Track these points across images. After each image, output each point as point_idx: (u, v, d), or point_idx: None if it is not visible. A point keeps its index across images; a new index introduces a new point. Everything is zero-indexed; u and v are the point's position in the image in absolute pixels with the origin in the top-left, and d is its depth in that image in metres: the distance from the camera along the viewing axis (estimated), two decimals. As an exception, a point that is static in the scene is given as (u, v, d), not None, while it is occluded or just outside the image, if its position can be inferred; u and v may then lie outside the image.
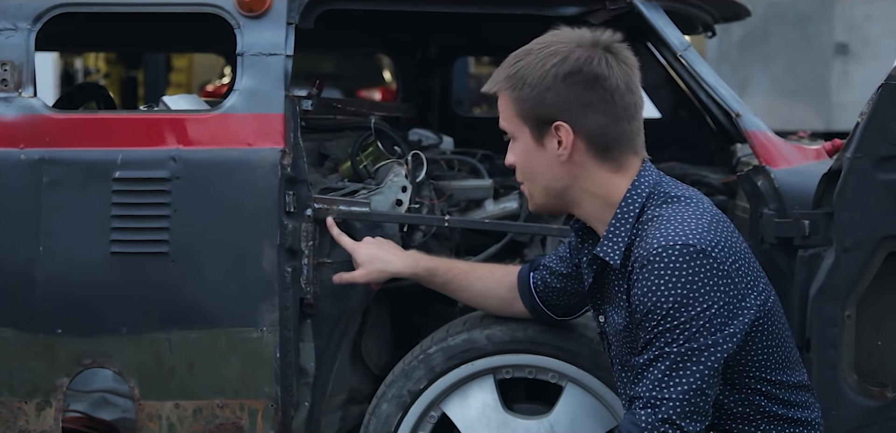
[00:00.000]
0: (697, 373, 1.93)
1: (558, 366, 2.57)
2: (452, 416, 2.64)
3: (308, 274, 2.60)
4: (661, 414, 1.93)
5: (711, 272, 1.93)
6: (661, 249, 1.94)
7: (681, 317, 1.92)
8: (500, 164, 3.64)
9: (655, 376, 1.94)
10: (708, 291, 1.93)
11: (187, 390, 2.60)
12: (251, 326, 2.57)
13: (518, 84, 2.09)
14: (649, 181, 2.08)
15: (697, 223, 1.98)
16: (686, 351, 1.93)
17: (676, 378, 1.93)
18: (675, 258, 1.93)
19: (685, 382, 1.93)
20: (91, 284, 2.59)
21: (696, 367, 1.93)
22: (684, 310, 1.92)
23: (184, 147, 2.61)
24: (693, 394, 1.93)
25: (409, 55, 4.34)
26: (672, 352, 1.93)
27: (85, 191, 2.59)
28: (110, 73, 14.31)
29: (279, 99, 2.62)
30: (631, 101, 2.07)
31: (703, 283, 1.93)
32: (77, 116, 2.78)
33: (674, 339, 1.93)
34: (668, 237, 1.96)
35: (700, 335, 1.92)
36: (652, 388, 1.94)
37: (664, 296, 1.93)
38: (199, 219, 2.58)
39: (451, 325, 2.64)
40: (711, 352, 1.93)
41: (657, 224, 2.00)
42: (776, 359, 2.08)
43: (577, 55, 2.04)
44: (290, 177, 2.59)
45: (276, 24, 2.66)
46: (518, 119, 2.11)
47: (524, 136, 2.11)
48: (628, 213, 2.06)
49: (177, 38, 4.26)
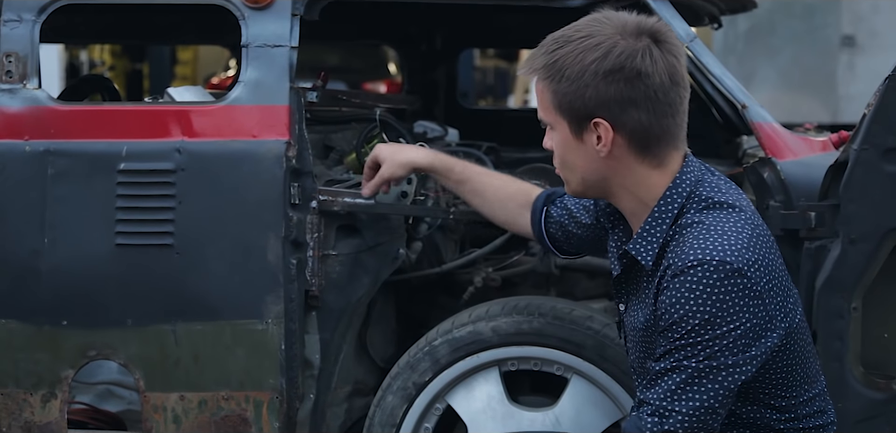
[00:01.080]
0: (711, 392, 1.89)
1: (563, 359, 2.57)
2: (458, 409, 2.65)
3: (313, 266, 2.60)
4: (667, 426, 1.89)
5: (744, 293, 1.87)
6: (697, 263, 1.87)
7: (705, 335, 1.87)
8: (505, 156, 3.65)
9: (668, 387, 1.90)
10: (738, 312, 1.87)
11: (192, 382, 2.60)
12: (256, 318, 2.57)
13: (556, 76, 1.98)
14: (690, 179, 2.00)
15: (737, 238, 1.90)
16: (704, 368, 1.87)
17: (690, 393, 1.89)
18: (710, 275, 1.86)
19: (697, 399, 1.88)
20: (96, 276, 2.59)
21: (711, 386, 1.88)
22: (710, 328, 1.87)
23: (189, 139, 2.61)
24: (704, 411, 1.89)
25: (414, 47, 4.34)
26: (690, 366, 1.88)
27: (90, 182, 2.60)
28: (115, 66, 14.33)
29: (284, 91, 2.62)
30: (675, 95, 1.96)
31: (734, 304, 1.87)
32: (82, 108, 2.79)
33: (693, 354, 1.88)
34: (705, 251, 1.88)
35: (722, 354, 1.87)
36: (663, 398, 1.90)
37: (693, 311, 1.87)
38: (204, 211, 2.58)
39: (457, 318, 2.64)
40: (730, 373, 1.89)
41: (696, 233, 1.93)
42: (795, 377, 2.03)
43: (619, 49, 1.92)
44: (295, 169, 2.59)
45: (281, 15, 2.66)
46: (555, 111, 2.01)
47: (562, 128, 2.02)
48: (666, 214, 1.99)
49: (182, 30, 4.26)
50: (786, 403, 2.03)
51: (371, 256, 2.66)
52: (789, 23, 10.17)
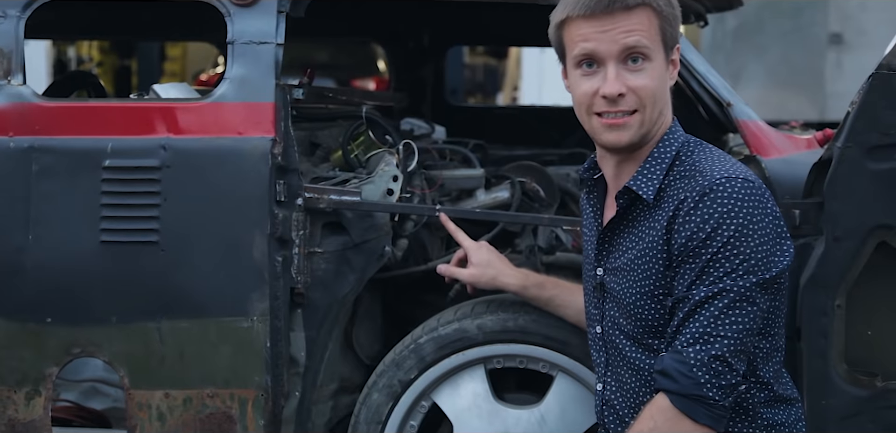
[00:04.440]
0: (752, 313, 1.95)
1: (549, 356, 2.58)
2: (443, 406, 2.65)
3: (299, 263, 2.60)
4: (714, 350, 1.94)
5: (768, 209, 1.98)
6: (725, 179, 1.97)
7: (742, 248, 1.94)
8: (492, 153, 3.65)
9: (712, 313, 1.94)
10: (765, 225, 1.96)
11: (177, 379, 2.60)
12: (241, 316, 2.56)
13: (668, 2, 2.08)
14: (681, 132, 2.13)
15: (745, 167, 2.04)
16: (744, 288, 1.93)
17: (734, 315, 1.93)
18: (739, 189, 1.96)
19: (741, 321, 1.94)
20: (80, 273, 2.58)
21: (750, 308, 1.94)
22: (744, 241, 1.94)
23: (174, 136, 2.60)
24: (746, 333, 1.95)
25: (402, 44, 4.34)
26: (733, 288, 1.93)
27: (74, 179, 2.59)
28: (103, 62, 14.28)
29: (270, 88, 2.61)
30: None
31: (762, 216, 1.96)
32: (67, 104, 2.78)
33: (733, 270, 1.93)
34: (727, 170, 1.99)
35: (758, 269, 1.94)
36: (707, 325, 1.94)
37: (726, 223, 1.94)
38: (190, 208, 2.57)
39: (443, 315, 2.64)
40: (764, 292, 1.96)
41: (709, 160, 2.04)
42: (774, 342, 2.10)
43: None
44: (281, 166, 2.58)
45: (266, 12, 2.65)
46: (659, 39, 2.06)
47: (659, 58, 2.07)
48: (665, 154, 2.08)
49: (169, 26, 4.25)
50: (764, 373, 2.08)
51: (357, 254, 2.65)
52: (777, 21, 10.20)
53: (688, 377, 1.94)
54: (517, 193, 3.01)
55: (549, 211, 3.02)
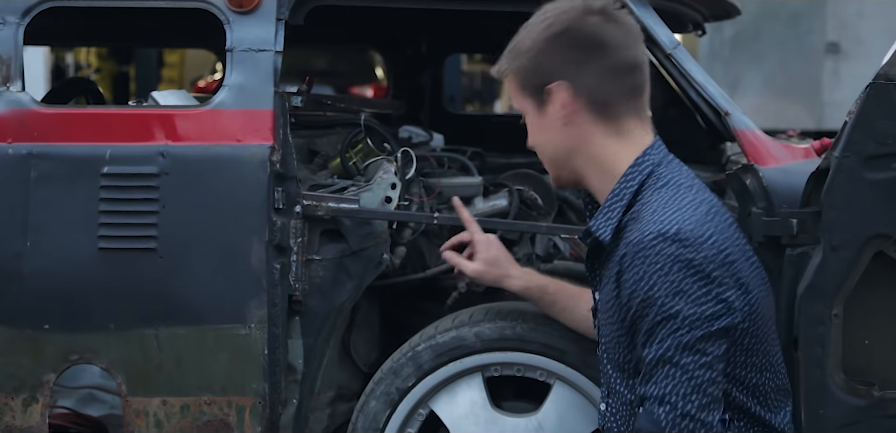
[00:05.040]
0: (707, 364, 1.92)
1: (546, 365, 2.57)
2: (440, 414, 2.64)
3: (297, 270, 2.60)
4: (681, 408, 1.92)
5: (704, 263, 1.92)
6: (655, 238, 1.92)
7: (678, 308, 1.91)
8: (490, 161, 3.66)
9: (668, 373, 1.93)
10: (699, 282, 1.91)
11: (175, 387, 2.59)
12: (239, 323, 2.56)
13: (515, 56, 2.10)
14: (653, 160, 2.05)
15: (693, 212, 1.96)
16: (691, 343, 1.91)
17: (689, 373, 1.92)
18: (668, 249, 1.91)
19: (699, 375, 1.92)
20: (78, 280, 2.58)
21: (703, 359, 1.92)
22: (680, 301, 1.90)
23: (173, 143, 2.60)
24: (708, 383, 1.92)
25: (400, 52, 4.34)
26: (680, 346, 1.91)
27: (73, 186, 2.58)
28: (102, 69, 14.30)
29: (269, 95, 2.61)
30: (627, 56, 2.03)
31: (694, 274, 1.91)
32: (65, 111, 2.78)
33: (676, 329, 1.91)
34: (663, 224, 1.94)
35: (701, 324, 1.91)
36: (667, 385, 1.93)
37: (658, 285, 1.91)
38: (188, 215, 2.57)
39: (440, 323, 2.64)
40: (715, 340, 1.93)
41: (652, 208, 1.98)
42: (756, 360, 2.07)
43: (567, 17, 2.05)
44: (279, 173, 2.58)
45: (265, 19, 2.65)
46: (521, 92, 2.11)
47: (529, 108, 2.11)
48: (626, 190, 2.04)
49: (168, 33, 4.25)
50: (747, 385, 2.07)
51: (355, 261, 2.65)
52: (775, 29, 10.21)
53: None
54: (515, 201, 3.01)
55: (546, 219, 3.02)
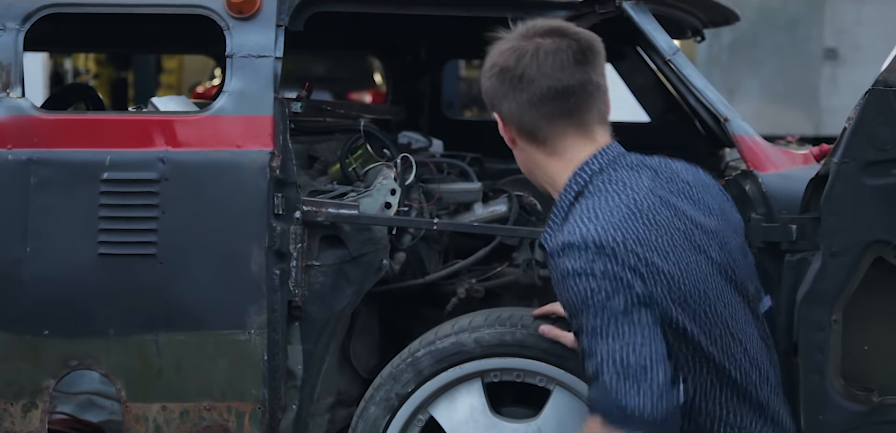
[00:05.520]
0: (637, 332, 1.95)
1: (546, 370, 2.57)
2: (440, 420, 2.64)
3: (296, 276, 2.60)
4: (600, 386, 1.96)
5: (613, 265, 1.96)
6: (564, 245, 1.99)
7: (591, 304, 1.96)
8: (489, 167, 3.66)
9: (587, 353, 1.98)
10: (610, 283, 1.95)
11: (174, 392, 2.59)
12: (239, 329, 2.56)
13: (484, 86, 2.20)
14: (591, 170, 2.11)
15: (609, 217, 2.00)
16: (601, 324, 1.96)
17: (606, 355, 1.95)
18: (575, 255, 1.97)
19: (633, 347, 1.95)
20: (78, 286, 2.58)
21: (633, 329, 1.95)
22: (592, 299, 1.96)
23: (172, 149, 2.60)
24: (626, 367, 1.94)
25: (400, 58, 4.34)
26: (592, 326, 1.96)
27: (73, 192, 2.59)
28: (100, 74, 14.29)
29: (268, 101, 2.62)
30: (551, 86, 2.08)
31: (602, 276, 1.96)
32: (65, 117, 2.78)
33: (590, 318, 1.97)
34: (573, 233, 2.00)
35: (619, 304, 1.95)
36: (589, 367, 1.98)
37: (572, 289, 1.98)
38: (188, 220, 2.57)
39: (440, 329, 2.64)
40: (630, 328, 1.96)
41: (581, 210, 2.04)
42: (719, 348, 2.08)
43: (498, 49, 2.14)
44: (279, 179, 2.59)
45: (265, 26, 2.66)
46: (498, 118, 2.19)
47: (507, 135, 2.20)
48: (563, 202, 2.12)
49: (167, 39, 4.25)
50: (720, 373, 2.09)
51: (354, 267, 2.66)
52: (773, 35, 10.22)
53: (612, 401, 1.96)
54: (514, 207, 3.01)
55: (546, 224, 3.02)
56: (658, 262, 2.00)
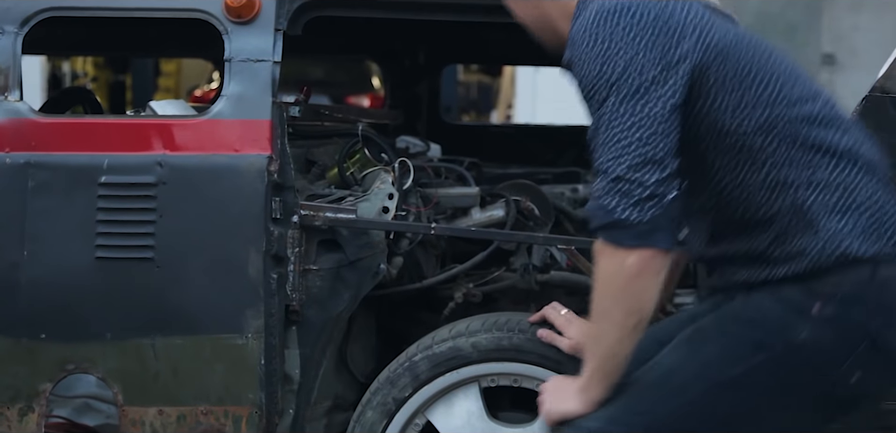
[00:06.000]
0: (635, 123, 1.89)
1: (542, 375, 2.57)
2: (437, 424, 2.64)
3: (294, 280, 2.60)
4: (611, 175, 1.90)
5: (632, 23, 1.92)
6: (580, 27, 1.95)
7: (607, 75, 1.90)
8: (487, 171, 3.66)
9: (599, 142, 1.93)
10: (631, 42, 1.91)
11: (171, 396, 2.59)
12: (236, 333, 2.56)
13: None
14: None
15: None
16: (617, 104, 1.90)
17: (616, 134, 1.90)
18: (592, 26, 1.93)
19: (625, 135, 1.89)
20: (75, 289, 2.58)
21: (632, 118, 1.89)
22: (609, 67, 1.90)
23: (170, 152, 2.60)
24: (639, 142, 1.89)
25: (398, 62, 4.34)
26: (607, 111, 1.91)
27: (70, 195, 2.59)
28: (98, 77, 14.29)
29: (267, 105, 2.62)
30: None
31: (623, 36, 1.91)
32: (63, 121, 2.78)
33: (607, 96, 1.91)
34: (586, 15, 1.96)
35: (629, 81, 1.89)
36: (599, 156, 1.92)
37: (589, 62, 1.93)
38: (185, 224, 2.57)
39: (437, 333, 2.64)
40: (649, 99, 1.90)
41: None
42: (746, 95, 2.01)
43: None
44: (277, 183, 2.59)
45: (264, 30, 2.66)
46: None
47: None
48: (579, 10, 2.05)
49: (165, 42, 4.25)
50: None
51: (352, 271, 2.66)
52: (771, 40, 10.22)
53: (600, 210, 1.92)
54: (512, 212, 3.01)
55: (543, 229, 3.02)
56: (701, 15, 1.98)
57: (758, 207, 2.01)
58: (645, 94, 1.90)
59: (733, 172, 2.01)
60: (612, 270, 1.94)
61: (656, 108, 1.90)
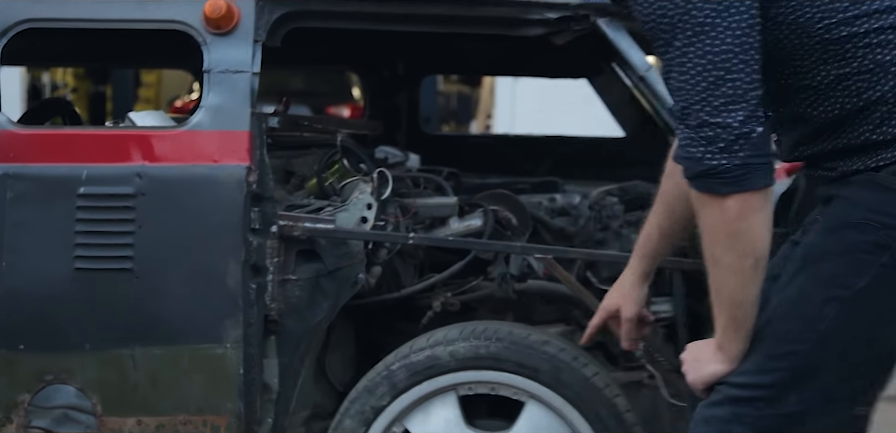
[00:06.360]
0: (710, 61, 1.75)
1: (519, 383, 2.59)
2: (415, 432, 2.65)
3: (273, 290, 2.61)
4: (693, 121, 1.77)
5: None
6: None
7: (669, 13, 1.76)
8: (465, 181, 3.67)
9: (673, 86, 1.79)
10: None
11: (150, 406, 2.60)
12: (215, 343, 2.57)
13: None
14: None
15: None
16: (687, 43, 1.75)
17: (691, 77, 1.76)
18: None
19: (701, 77, 1.75)
20: (54, 300, 2.58)
21: (704, 58, 1.75)
22: (670, 5, 1.75)
23: (149, 163, 2.61)
24: (716, 82, 1.75)
25: (377, 73, 4.35)
26: (675, 53, 1.76)
27: (49, 206, 2.59)
28: (78, 88, 14.23)
29: (245, 116, 2.63)
30: None
31: None
32: (42, 132, 2.78)
33: (672, 36, 1.76)
34: None
35: (696, 15, 1.74)
36: (677, 100, 1.79)
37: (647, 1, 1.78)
38: (164, 235, 2.58)
39: (415, 342, 2.66)
40: (717, 33, 1.75)
41: None
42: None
43: None
44: (256, 193, 2.59)
45: (242, 41, 2.67)
46: None
47: None
48: None
49: (145, 53, 4.25)
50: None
51: (331, 281, 2.66)
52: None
53: (688, 159, 1.80)
54: (490, 221, 3.02)
55: (521, 239, 3.04)
56: None
57: (857, 96, 1.86)
58: (713, 28, 1.75)
59: (826, 67, 1.86)
60: (714, 218, 1.82)
61: (728, 39, 1.76)
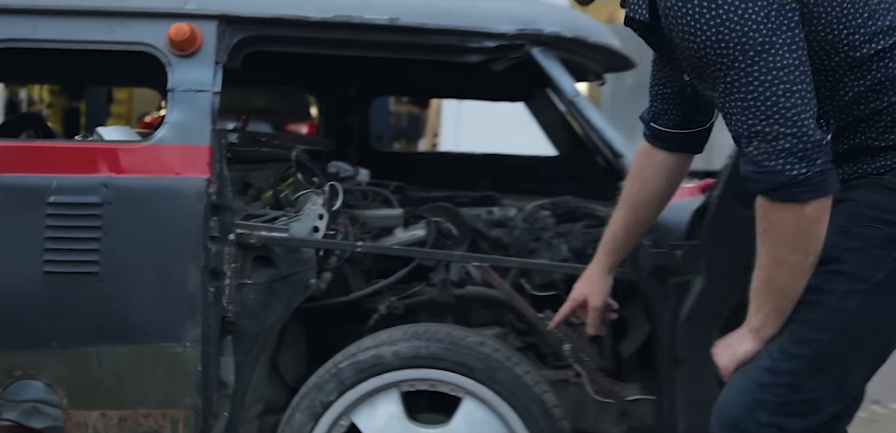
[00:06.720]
0: (774, 79, 1.68)
1: (455, 380, 2.60)
2: (360, 426, 2.65)
3: (230, 294, 2.59)
4: (767, 136, 1.70)
5: None
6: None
7: (726, 38, 1.68)
8: (411, 195, 3.67)
9: (735, 107, 1.72)
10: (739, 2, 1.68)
11: (113, 400, 2.56)
12: (175, 342, 2.54)
13: None
14: None
15: None
16: (750, 63, 1.68)
17: (758, 95, 1.69)
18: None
19: (770, 93, 1.68)
20: (24, 301, 2.54)
21: (769, 75, 1.68)
22: (726, 31, 1.68)
23: (116, 175, 2.58)
24: (785, 95, 1.68)
25: (332, 94, 4.34)
26: (738, 74, 1.69)
27: (20, 213, 2.54)
28: (54, 104, 14.00)
29: (206, 132, 2.60)
30: None
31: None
32: (15, 144, 2.73)
33: (733, 61, 1.69)
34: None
35: (754, 36, 1.67)
36: (743, 120, 1.72)
37: (701, 30, 1.69)
38: (129, 241, 2.55)
39: (361, 342, 2.65)
40: (776, 50, 1.68)
41: None
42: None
43: None
44: (215, 204, 2.57)
45: (204, 62, 2.65)
46: None
47: None
48: None
49: (116, 72, 4.19)
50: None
51: (284, 285, 2.65)
52: None
53: (764, 173, 1.74)
54: (432, 232, 3.03)
55: (460, 248, 3.05)
56: None
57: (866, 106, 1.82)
58: (772, 46, 1.68)
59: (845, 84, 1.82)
60: (788, 224, 1.77)
61: (787, 54, 1.69)
